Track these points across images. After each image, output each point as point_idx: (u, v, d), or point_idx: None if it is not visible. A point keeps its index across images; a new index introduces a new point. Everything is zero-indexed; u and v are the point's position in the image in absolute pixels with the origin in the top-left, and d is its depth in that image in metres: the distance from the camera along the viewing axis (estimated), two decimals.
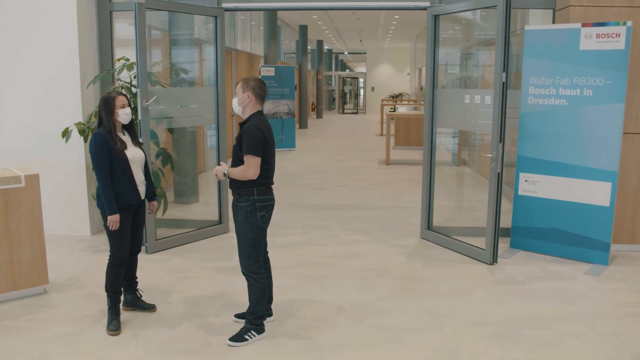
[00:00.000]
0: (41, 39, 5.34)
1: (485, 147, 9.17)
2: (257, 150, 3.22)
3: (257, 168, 3.24)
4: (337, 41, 25.72)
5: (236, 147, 3.30)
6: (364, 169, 10.07)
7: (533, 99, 5.16)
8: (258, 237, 3.36)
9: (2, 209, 3.89)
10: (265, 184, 3.34)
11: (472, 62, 10.91)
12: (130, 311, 3.82)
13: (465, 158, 10.55)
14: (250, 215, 3.31)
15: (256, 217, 3.31)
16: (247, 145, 3.21)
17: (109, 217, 3.45)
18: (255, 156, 3.22)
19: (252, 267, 3.37)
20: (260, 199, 3.32)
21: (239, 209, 3.34)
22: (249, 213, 3.30)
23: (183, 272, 4.61)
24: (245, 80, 3.37)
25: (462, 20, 10.69)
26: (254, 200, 3.30)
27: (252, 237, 3.34)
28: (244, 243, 3.35)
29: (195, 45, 7.38)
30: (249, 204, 3.30)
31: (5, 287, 3.97)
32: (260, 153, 3.24)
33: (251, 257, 3.36)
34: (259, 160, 3.24)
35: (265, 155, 3.29)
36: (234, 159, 3.34)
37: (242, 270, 3.41)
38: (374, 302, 4.05)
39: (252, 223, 3.32)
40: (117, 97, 3.49)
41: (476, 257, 5.02)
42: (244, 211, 3.31)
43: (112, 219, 3.45)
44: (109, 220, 3.46)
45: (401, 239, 5.64)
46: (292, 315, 3.79)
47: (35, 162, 5.33)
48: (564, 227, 5.06)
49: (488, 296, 4.20)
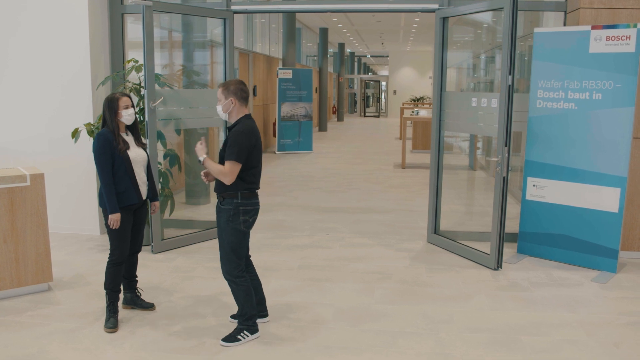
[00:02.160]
0: (54, 41, 5.47)
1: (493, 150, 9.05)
2: (239, 157, 3.20)
3: (235, 175, 3.22)
4: (359, 44, 25.70)
5: (222, 151, 3.31)
6: (379, 172, 10.03)
7: (542, 103, 5.08)
8: (239, 241, 3.35)
9: (8, 207, 4.00)
10: (250, 189, 3.34)
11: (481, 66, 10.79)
12: (129, 309, 3.88)
13: (482, 162, 10.42)
14: (233, 219, 3.31)
15: (238, 221, 3.31)
16: (230, 150, 3.20)
17: (110, 215, 3.52)
18: (237, 162, 3.21)
19: (233, 271, 3.38)
20: (243, 202, 3.31)
21: (222, 211, 3.34)
22: (231, 217, 3.30)
23: (186, 272, 4.67)
24: (224, 85, 3.34)
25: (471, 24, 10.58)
26: (237, 203, 3.30)
27: (233, 241, 3.34)
28: (225, 247, 3.35)
29: (208, 47, 7.46)
30: (232, 207, 3.30)
31: (10, 283, 4.07)
32: (243, 160, 3.23)
33: (232, 261, 3.37)
34: (239, 167, 3.22)
35: (252, 161, 3.29)
36: (220, 162, 3.35)
37: (224, 274, 3.42)
38: (372, 306, 4.03)
39: (234, 227, 3.32)
40: (121, 98, 3.56)
41: (481, 262, 4.96)
42: (227, 214, 3.31)
43: (113, 217, 3.51)
44: (109, 218, 3.52)
45: (407, 243, 5.60)
46: (289, 317, 3.80)
47: (47, 162, 5.46)
48: (572, 233, 4.96)
49: (488, 302, 4.14)
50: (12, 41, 5.55)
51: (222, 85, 3.36)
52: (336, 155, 12.48)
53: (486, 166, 10.13)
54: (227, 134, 3.37)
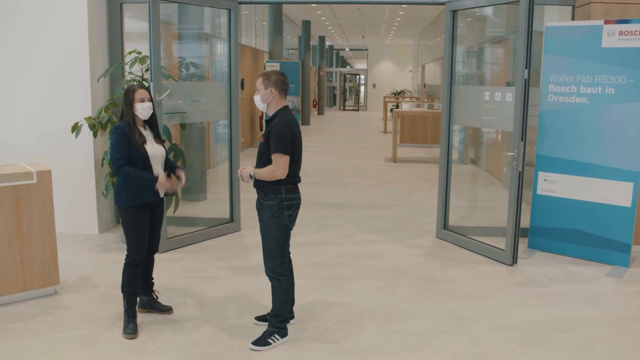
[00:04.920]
0: (51, 32, 5.20)
1: (493, 144, 9.07)
2: (285, 148, 3.10)
3: (286, 167, 3.12)
4: (339, 37, 25.57)
5: (263, 145, 3.18)
6: (371, 167, 9.95)
7: (553, 97, 5.06)
8: (284, 237, 3.25)
9: (13, 206, 3.77)
10: (293, 182, 3.23)
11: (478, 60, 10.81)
12: (145, 313, 3.70)
13: (472, 156, 10.45)
14: (278, 215, 3.19)
15: (283, 217, 3.20)
16: (275, 143, 3.09)
17: (158, 182, 3.33)
18: (284, 155, 3.10)
19: (277, 268, 3.26)
20: (287, 197, 3.20)
21: (264, 207, 3.22)
22: (275, 212, 3.18)
23: (197, 272, 4.49)
24: (266, 75, 3.24)
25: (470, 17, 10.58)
26: (281, 198, 3.18)
27: (278, 237, 3.22)
28: (270, 243, 3.23)
29: (204, 39, 7.24)
30: (276, 203, 3.18)
31: (15, 287, 3.84)
32: (289, 151, 3.12)
33: (276, 258, 3.25)
34: (288, 159, 3.12)
35: (295, 153, 3.17)
36: (260, 157, 3.22)
37: (267, 271, 3.30)
38: (396, 304, 3.94)
39: (279, 222, 3.20)
40: (137, 90, 3.37)
41: (495, 257, 4.92)
42: (271, 210, 3.19)
43: (160, 184, 3.33)
44: (161, 184, 3.33)
45: (417, 239, 5.53)
46: (315, 318, 3.68)
47: (42, 157, 5.19)
48: (584, 227, 4.96)
49: (510, 298, 4.10)
50: (7, 30, 5.24)
51: (262, 75, 3.23)
52: (323, 149, 12.36)
53: (477, 159, 10.16)
54: (266, 126, 3.23)
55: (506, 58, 8.74)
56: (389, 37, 24.75)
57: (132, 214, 3.36)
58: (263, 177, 3.15)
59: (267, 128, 3.22)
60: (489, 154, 9.45)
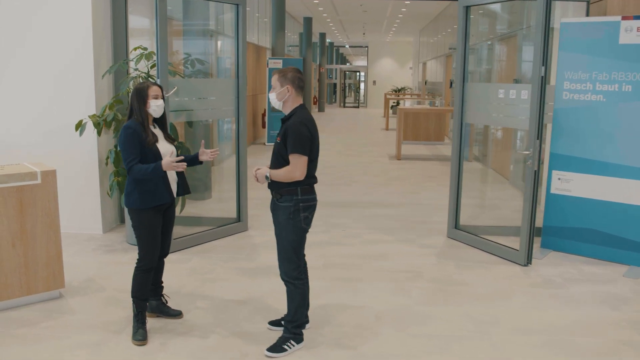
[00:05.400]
0: (54, 27, 5.07)
1: (498, 141, 8.97)
2: (304, 148, 2.98)
3: (305, 168, 3.01)
4: (339, 34, 25.41)
5: (280, 144, 3.06)
6: (375, 165, 9.84)
7: (568, 94, 4.95)
8: (300, 239, 3.14)
9: (17, 207, 3.64)
10: (310, 183, 3.11)
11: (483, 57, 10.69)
12: (154, 317, 3.58)
13: (477, 153, 10.35)
14: (293, 217, 3.07)
15: (299, 218, 3.08)
16: (292, 143, 2.97)
17: (163, 164, 3.11)
18: (302, 155, 2.98)
19: (292, 272, 3.14)
20: (304, 198, 3.08)
21: (280, 209, 3.10)
22: (291, 214, 3.07)
23: (205, 274, 4.38)
24: (281, 72, 3.12)
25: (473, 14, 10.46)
26: (297, 200, 3.06)
27: (294, 240, 3.11)
28: (285, 246, 3.12)
29: (209, 36, 7.12)
30: (292, 204, 3.06)
31: (19, 291, 3.72)
32: (307, 151, 3.00)
33: (292, 261, 3.13)
34: (306, 160, 3.01)
35: (311, 153, 3.06)
36: (276, 157, 3.10)
37: (282, 275, 3.18)
38: (412, 307, 3.83)
39: (295, 225, 3.08)
40: (151, 86, 3.25)
41: (508, 257, 4.82)
42: (286, 212, 3.07)
43: (166, 165, 3.11)
44: (166, 165, 3.11)
45: (427, 238, 5.42)
46: (330, 322, 3.57)
47: (45, 155, 5.06)
48: (599, 227, 4.86)
49: (528, 300, 4.00)
50: (9, 25, 5.11)
51: (278, 72, 3.10)
52: (326, 146, 12.21)
53: (481, 157, 10.06)
54: (282, 125, 3.11)
55: (512, 55, 8.63)
56: (389, 34, 24.61)
57: (145, 216, 3.24)
58: (280, 178, 3.03)
59: (283, 127, 3.10)
60: (494, 151, 9.35)
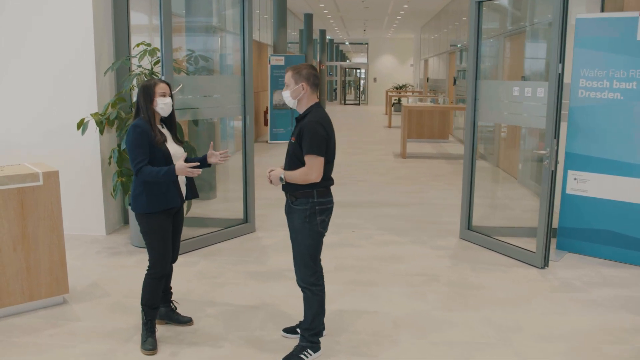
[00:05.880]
0: (54, 23, 4.91)
1: (504, 139, 8.83)
2: (320, 149, 2.84)
3: (321, 169, 2.86)
4: (340, 31, 25.24)
5: (295, 145, 2.91)
6: (381, 163, 9.70)
7: (584, 92, 4.81)
8: (316, 244, 2.99)
9: (18, 210, 3.49)
10: (326, 185, 2.97)
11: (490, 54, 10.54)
12: (163, 324, 3.44)
13: (482, 151, 10.21)
14: (310, 220, 2.93)
15: (315, 222, 2.94)
16: (308, 143, 2.82)
17: (177, 169, 2.99)
18: (318, 156, 2.84)
19: (309, 278, 3.00)
20: (320, 201, 2.94)
21: (295, 212, 2.95)
22: (307, 217, 2.92)
23: (214, 278, 4.23)
24: (296, 69, 2.96)
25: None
26: (313, 203, 2.92)
27: (311, 244, 2.97)
28: (302, 251, 2.97)
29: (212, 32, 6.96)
30: (308, 208, 2.92)
31: (21, 297, 3.57)
32: (324, 152, 2.86)
33: (309, 267, 2.99)
34: (323, 161, 2.86)
35: (328, 154, 2.91)
36: (291, 158, 2.95)
37: (298, 281, 3.04)
38: (430, 313, 3.70)
39: (311, 229, 2.94)
40: (158, 84, 3.10)
41: (524, 259, 4.68)
42: (302, 215, 2.93)
43: (180, 170, 2.99)
44: (180, 169, 2.98)
45: (439, 240, 5.29)
46: (346, 329, 3.43)
47: (46, 155, 4.92)
48: (617, 228, 4.72)
49: (549, 305, 3.86)
50: (8, 21, 4.95)
51: (292, 69, 2.95)
52: None
53: (487, 155, 9.92)
54: (296, 125, 2.96)
55: (520, 52, 8.50)
56: (390, 31, 24.44)
57: (154, 221, 3.08)
58: (295, 180, 2.89)
59: (297, 127, 2.95)
60: (501, 149, 9.21)
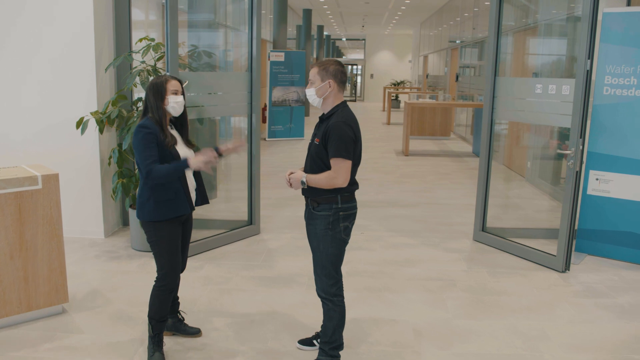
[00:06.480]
0: (52, 17, 4.66)
1: (510, 136, 8.65)
2: (348, 152, 2.62)
3: (348, 174, 2.65)
4: (337, 27, 24.98)
5: (319, 146, 2.69)
6: (384, 161, 9.50)
7: (609, 90, 4.63)
8: (339, 252, 2.78)
9: (15, 215, 3.26)
10: (351, 190, 2.76)
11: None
12: (170, 336, 3.23)
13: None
14: (332, 227, 2.72)
15: (339, 229, 2.73)
16: (336, 146, 2.61)
17: (190, 162, 2.75)
18: (346, 159, 2.63)
19: (330, 288, 2.79)
20: (344, 207, 2.73)
21: (317, 219, 2.75)
22: (330, 224, 2.72)
23: (221, 284, 4.02)
24: (322, 65, 2.74)
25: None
26: (336, 209, 2.71)
27: (333, 253, 2.76)
28: (324, 260, 2.76)
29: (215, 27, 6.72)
30: (331, 214, 2.71)
31: (17, 307, 3.34)
32: (352, 155, 2.65)
33: (330, 276, 2.78)
34: (350, 164, 2.65)
35: (355, 157, 2.71)
36: (314, 161, 2.74)
37: (318, 291, 2.83)
38: (452, 322, 3.50)
39: (334, 236, 2.73)
40: (170, 80, 2.87)
41: (543, 263, 4.50)
42: (325, 222, 2.72)
43: (194, 164, 2.76)
44: (194, 163, 2.75)
45: (452, 242, 5.09)
46: (365, 340, 3.23)
47: (43, 155, 4.69)
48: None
49: (575, 312, 3.68)
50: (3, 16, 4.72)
51: (318, 64, 2.73)
52: None
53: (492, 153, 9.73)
54: (321, 125, 2.75)
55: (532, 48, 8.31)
56: (389, 27, 24.21)
57: (162, 230, 2.86)
58: (320, 184, 2.68)
59: (322, 127, 2.72)
60: (507, 146, 9.03)
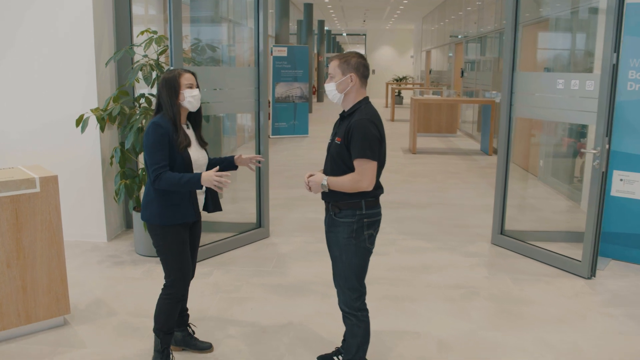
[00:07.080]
0: (49, 10, 4.43)
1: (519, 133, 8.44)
2: (373, 152, 2.41)
3: (374, 176, 2.44)
4: (338, 21, 24.70)
5: (340, 146, 2.48)
6: (391, 159, 9.25)
7: (634, 85, 4.42)
8: (363, 262, 2.57)
9: (12, 221, 3.04)
10: (376, 195, 2.55)
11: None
12: (179, 351, 3.02)
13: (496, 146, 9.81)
14: (356, 235, 2.51)
15: (363, 237, 2.52)
16: (360, 145, 2.40)
17: (203, 178, 2.53)
18: (372, 160, 2.42)
19: (354, 302, 2.58)
20: (368, 213, 2.52)
21: (339, 226, 2.53)
22: (354, 232, 2.50)
23: (231, 293, 3.81)
24: (343, 58, 2.52)
25: None
26: (360, 215, 2.50)
27: (357, 264, 2.55)
28: (346, 271, 2.55)
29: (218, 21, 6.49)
30: (355, 221, 2.50)
31: (16, 320, 3.13)
32: (377, 156, 2.44)
33: (354, 289, 2.57)
34: (376, 166, 2.44)
35: (380, 158, 2.49)
36: (334, 162, 2.53)
37: (340, 305, 2.62)
38: (477, 333, 3.29)
39: (358, 245, 2.52)
40: (183, 74, 2.65)
41: (567, 268, 4.29)
42: (348, 230, 2.50)
43: (206, 180, 2.53)
44: (206, 179, 2.53)
45: (470, 245, 4.89)
46: (388, 354, 3.02)
47: (41, 155, 4.47)
48: None
49: (606, 323, 3.47)
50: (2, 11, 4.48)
51: (338, 57, 2.51)
52: None
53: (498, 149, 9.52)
54: (342, 123, 2.53)
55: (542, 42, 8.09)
56: (390, 22, 23.95)
57: (169, 234, 2.65)
58: (343, 187, 2.46)
59: (344, 125, 2.51)
60: (517, 144, 8.82)
